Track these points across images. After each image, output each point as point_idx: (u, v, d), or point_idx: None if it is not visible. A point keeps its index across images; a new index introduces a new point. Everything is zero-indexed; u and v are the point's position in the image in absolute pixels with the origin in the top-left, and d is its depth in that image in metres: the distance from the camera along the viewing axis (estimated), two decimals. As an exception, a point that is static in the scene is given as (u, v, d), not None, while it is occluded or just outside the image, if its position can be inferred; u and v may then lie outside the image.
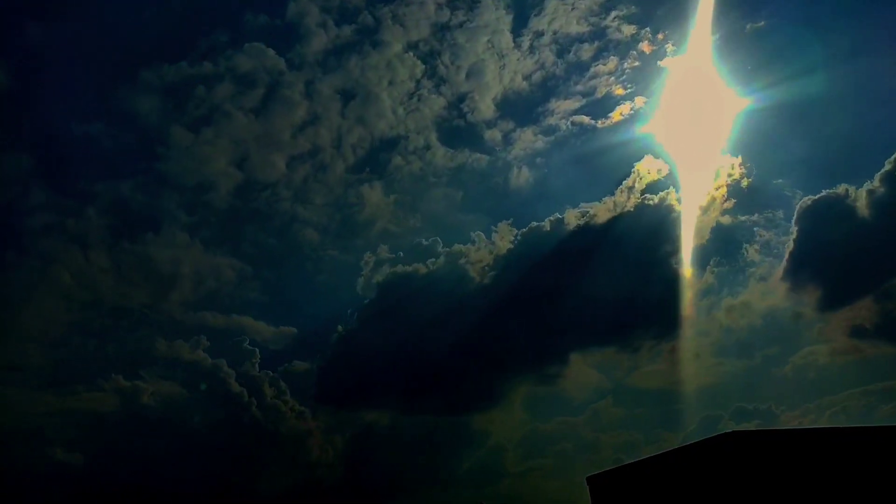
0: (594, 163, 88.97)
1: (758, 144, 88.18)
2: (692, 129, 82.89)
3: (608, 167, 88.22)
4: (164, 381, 70.14)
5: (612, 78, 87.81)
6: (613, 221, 74.04)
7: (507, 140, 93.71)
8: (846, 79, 76.50)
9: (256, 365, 70.81)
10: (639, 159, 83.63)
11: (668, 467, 25.05)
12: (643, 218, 73.70)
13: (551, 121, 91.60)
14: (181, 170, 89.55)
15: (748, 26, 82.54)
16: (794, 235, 70.25)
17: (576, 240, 73.79)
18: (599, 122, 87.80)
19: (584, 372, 75.32)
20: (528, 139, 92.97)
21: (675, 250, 71.84)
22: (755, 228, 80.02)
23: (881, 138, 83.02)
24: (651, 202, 74.76)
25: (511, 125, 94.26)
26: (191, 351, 72.52)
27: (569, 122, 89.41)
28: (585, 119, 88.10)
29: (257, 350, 72.66)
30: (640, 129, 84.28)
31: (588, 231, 74.13)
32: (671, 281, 69.78)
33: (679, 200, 76.10)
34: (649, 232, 71.96)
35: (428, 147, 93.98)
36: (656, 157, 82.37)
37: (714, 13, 75.07)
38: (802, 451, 22.26)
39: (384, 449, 70.34)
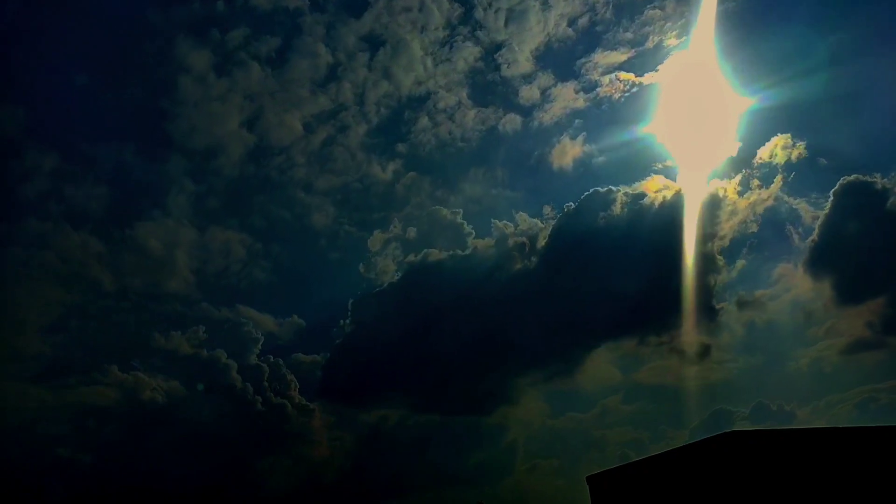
0: (637, 130, 79.35)
1: (817, 125, 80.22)
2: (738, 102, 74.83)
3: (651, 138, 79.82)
4: (163, 374, 68.22)
5: (668, 24, 78.56)
6: (655, 204, 69.17)
7: (545, 97, 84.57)
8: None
9: (259, 357, 68.94)
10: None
11: (668, 467, 24.92)
12: (684, 203, 68.76)
13: (594, 76, 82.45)
14: (189, 129, 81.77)
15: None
16: (820, 220, 67.28)
17: (613, 225, 68.38)
18: (647, 76, 79.15)
19: (597, 367, 73.84)
20: (567, 97, 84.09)
21: (710, 237, 68.48)
22: (800, 213, 75.08)
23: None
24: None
25: (550, 80, 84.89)
26: (191, 342, 70.80)
27: (613, 78, 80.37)
28: (632, 77, 79.79)
29: (261, 338, 70.87)
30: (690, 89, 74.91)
31: (628, 216, 68.97)
32: (700, 272, 65.27)
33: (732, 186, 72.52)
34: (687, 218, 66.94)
35: (458, 106, 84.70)
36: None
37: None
38: (803, 450, 22.10)
39: (391, 447, 69.30)
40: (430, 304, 69.66)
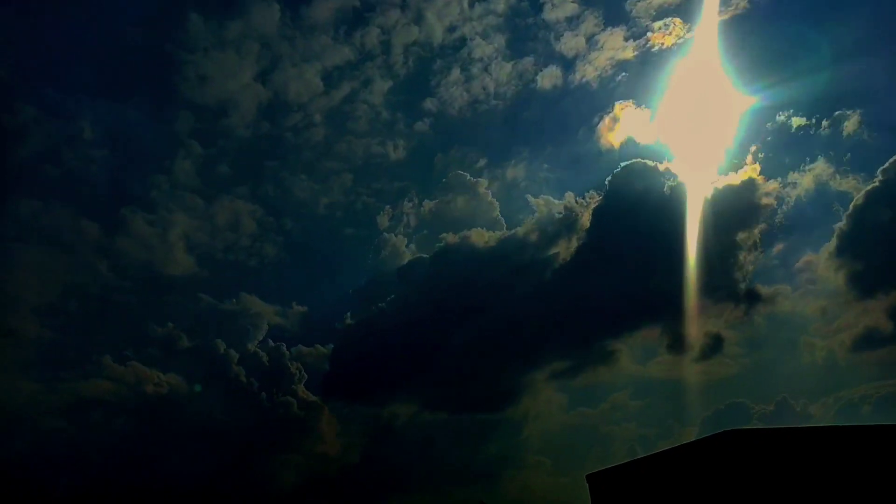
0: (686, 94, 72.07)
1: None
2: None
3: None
4: (163, 367, 66.66)
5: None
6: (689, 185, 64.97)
7: (591, 44, 77.19)
8: None
9: (262, 347, 67.57)
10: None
11: (668, 465, 24.74)
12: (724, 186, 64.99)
13: (645, 21, 75.30)
14: (198, 82, 75.25)
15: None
16: (855, 201, 63.65)
17: (650, 206, 63.99)
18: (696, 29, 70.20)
19: (609, 362, 72.42)
20: (614, 45, 77.35)
21: (752, 222, 65.98)
22: (851, 194, 69.50)
23: None
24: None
25: (597, 24, 77.59)
26: (192, 334, 69.28)
27: (667, 22, 72.65)
28: (685, 26, 72.94)
29: (266, 327, 69.64)
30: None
31: (663, 195, 64.61)
32: (733, 260, 63.93)
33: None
34: (730, 203, 64.33)
35: (495, 55, 77.85)
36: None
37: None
38: (804, 449, 21.88)
39: (396, 444, 68.86)
40: (439, 295, 67.83)
